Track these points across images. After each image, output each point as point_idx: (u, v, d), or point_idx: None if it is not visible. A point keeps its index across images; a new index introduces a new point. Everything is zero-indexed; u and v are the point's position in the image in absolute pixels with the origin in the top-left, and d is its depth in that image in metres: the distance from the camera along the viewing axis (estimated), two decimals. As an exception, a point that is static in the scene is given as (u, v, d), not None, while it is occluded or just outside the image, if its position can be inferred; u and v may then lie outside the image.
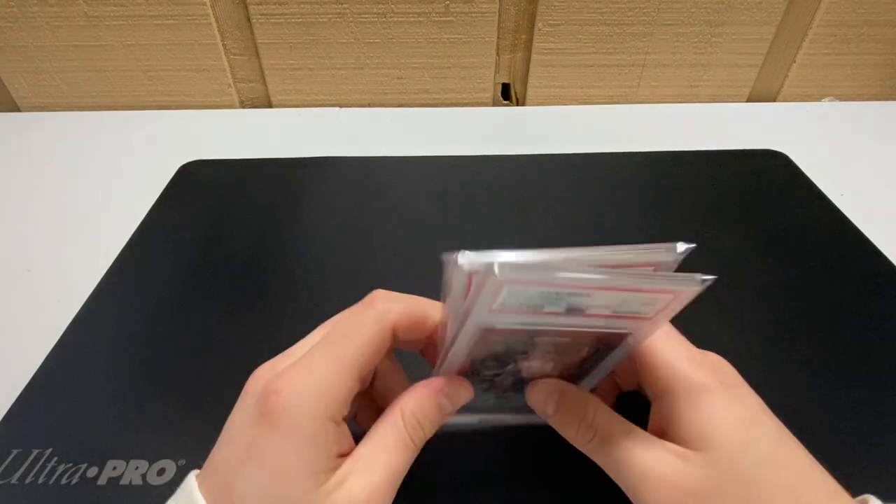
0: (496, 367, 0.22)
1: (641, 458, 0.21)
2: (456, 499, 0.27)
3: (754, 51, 0.60)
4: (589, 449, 0.22)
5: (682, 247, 0.19)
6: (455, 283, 0.19)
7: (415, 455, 0.21)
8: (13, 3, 0.54)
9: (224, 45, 0.59)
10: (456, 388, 0.22)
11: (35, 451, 0.29)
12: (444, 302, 0.21)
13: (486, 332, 0.20)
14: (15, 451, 0.29)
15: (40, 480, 0.28)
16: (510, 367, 0.22)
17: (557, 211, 0.45)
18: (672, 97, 0.63)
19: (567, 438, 0.23)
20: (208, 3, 0.55)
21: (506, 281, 0.17)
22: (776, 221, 0.44)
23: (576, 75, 0.62)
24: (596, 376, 0.24)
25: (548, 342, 0.21)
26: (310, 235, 0.43)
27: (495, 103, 0.64)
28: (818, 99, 0.65)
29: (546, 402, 0.23)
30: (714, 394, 0.21)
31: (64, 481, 0.28)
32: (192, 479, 0.20)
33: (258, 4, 0.55)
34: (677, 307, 0.19)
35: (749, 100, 0.65)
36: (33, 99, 0.62)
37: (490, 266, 0.16)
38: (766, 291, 0.38)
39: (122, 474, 0.28)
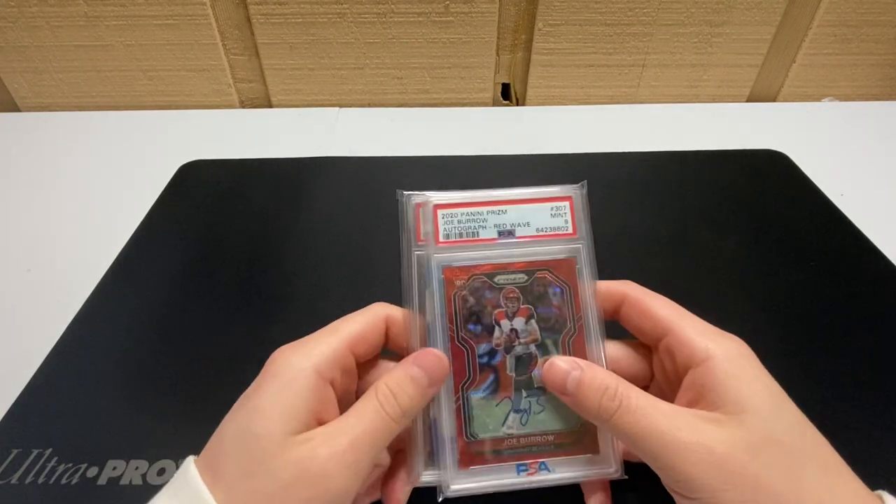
0: (485, 332, 0.24)
1: (672, 425, 0.20)
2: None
3: (754, 51, 0.60)
4: (613, 422, 0.21)
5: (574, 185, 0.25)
6: (409, 218, 0.24)
7: (391, 426, 0.22)
8: (13, 3, 0.54)
9: (224, 45, 0.59)
10: (424, 356, 0.23)
11: (35, 451, 0.29)
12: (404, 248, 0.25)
13: (449, 274, 0.24)
14: (15, 451, 0.29)
15: (40, 480, 0.28)
16: (497, 332, 0.24)
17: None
18: (672, 97, 0.63)
19: (588, 415, 0.23)
20: (208, 4, 0.55)
21: (438, 205, 0.24)
22: (776, 221, 0.44)
23: (576, 75, 0.62)
24: (594, 343, 0.24)
25: (509, 284, 0.24)
26: (309, 235, 0.43)
27: (495, 103, 0.64)
28: (818, 99, 0.65)
29: (565, 378, 0.23)
30: (747, 361, 0.22)
31: (64, 481, 0.28)
32: (189, 460, 0.21)
33: (258, 4, 0.55)
34: (580, 210, 0.25)
35: (749, 100, 0.64)
36: (33, 99, 0.62)
37: (426, 196, 0.24)
38: (765, 291, 0.38)
39: (122, 474, 0.28)
